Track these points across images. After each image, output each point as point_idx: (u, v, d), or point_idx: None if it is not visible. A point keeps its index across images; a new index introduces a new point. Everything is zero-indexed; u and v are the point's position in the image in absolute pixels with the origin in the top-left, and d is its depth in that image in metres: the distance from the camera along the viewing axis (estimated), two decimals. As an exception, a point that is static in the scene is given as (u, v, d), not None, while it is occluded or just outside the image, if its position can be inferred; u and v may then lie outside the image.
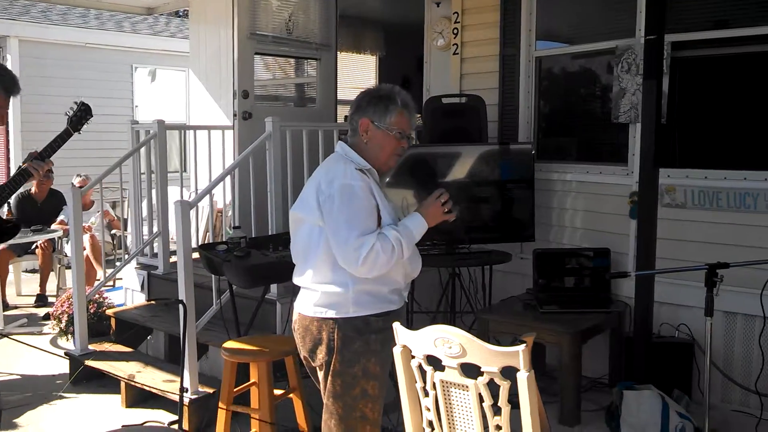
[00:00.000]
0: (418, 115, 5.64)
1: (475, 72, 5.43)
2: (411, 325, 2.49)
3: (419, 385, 2.26)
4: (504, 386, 2.06)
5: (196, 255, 4.22)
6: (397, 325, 2.29)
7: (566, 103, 5.30)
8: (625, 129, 4.57)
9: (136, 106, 11.11)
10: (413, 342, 2.24)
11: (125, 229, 6.09)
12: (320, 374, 2.61)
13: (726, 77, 4.43)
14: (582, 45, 5.01)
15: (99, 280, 6.30)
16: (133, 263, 5.30)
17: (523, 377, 2.03)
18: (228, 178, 4.65)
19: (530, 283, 4.64)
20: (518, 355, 2.03)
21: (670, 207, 4.27)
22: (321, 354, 2.56)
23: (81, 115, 3.83)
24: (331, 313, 2.53)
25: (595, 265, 4.51)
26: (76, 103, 3.96)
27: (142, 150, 5.31)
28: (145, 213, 5.39)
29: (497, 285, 4.95)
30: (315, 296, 2.57)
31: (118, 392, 4.38)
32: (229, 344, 3.36)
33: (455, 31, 5.50)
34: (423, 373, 2.24)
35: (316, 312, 2.56)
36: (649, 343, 4.04)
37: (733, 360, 4.15)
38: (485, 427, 2.15)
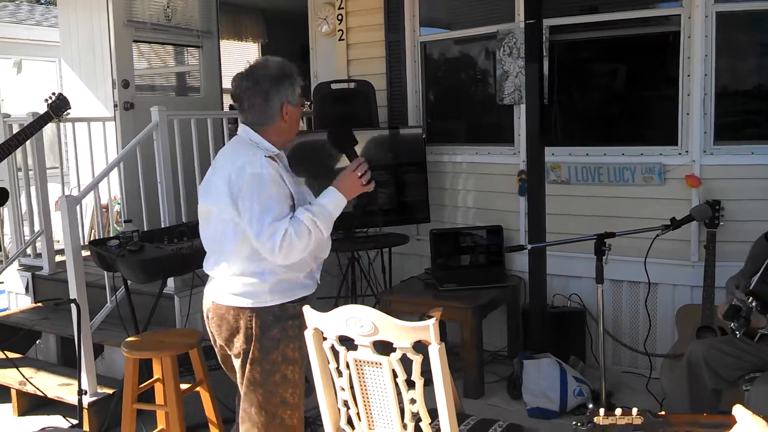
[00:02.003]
0: (309, 102, 5.63)
1: (362, 58, 5.46)
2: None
3: (333, 365, 2.28)
4: (416, 360, 2.10)
5: (85, 252, 4.04)
6: (307, 309, 2.29)
7: (453, 87, 5.40)
8: (510, 110, 4.72)
9: (2, 99, 10.44)
10: (325, 323, 2.25)
11: (1, 229, 5.73)
12: (237, 363, 2.56)
13: (600, 59, 4.67)
14: (464, 30, 5.11)
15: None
16: (15, 265, 5.01)
17: (435, 349, 2.08)
18: (114, 171, 4.47)
19: (428, 263, 4.74)
20: (429, 329, 2.08)
21: (556, 183, 4.45)
22: (239, 342, 2.52)
23: (60, 104, 4.20)
24: (248, 303, 2.49)
25: (489, 242, 4.67)
26: (54, 93, 4.26)
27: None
28: (24, 211, 5.10)
29: (396, 267, 5.04)
30: (231, 286, 2.51)
31: (9, 401, 4.15)
32: (130, 340, 3.25)
33: (340, 17, 5.50)
34: (336, 353, 2.26)
35: (232, 301, 2.51)
36: (544, 314, 4.22)
37: (622, 325, 4.41)
38: (400, 402, 2.20)
